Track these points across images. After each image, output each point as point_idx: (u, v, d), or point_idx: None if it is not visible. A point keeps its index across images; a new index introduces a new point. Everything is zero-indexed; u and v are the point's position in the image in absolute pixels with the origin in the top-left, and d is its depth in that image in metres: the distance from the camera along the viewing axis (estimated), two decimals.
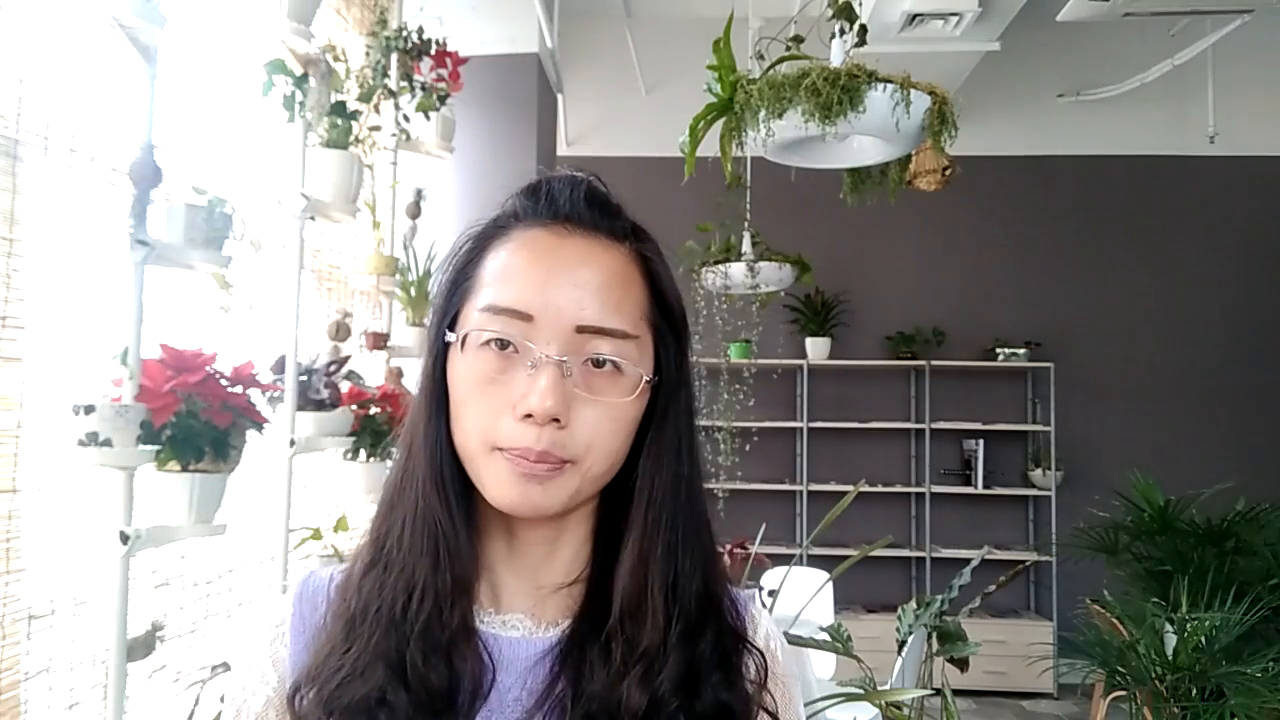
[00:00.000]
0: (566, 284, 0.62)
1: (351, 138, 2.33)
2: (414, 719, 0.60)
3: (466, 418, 0.63)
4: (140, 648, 1.56)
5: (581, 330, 0.62)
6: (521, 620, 0.67)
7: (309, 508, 2.66)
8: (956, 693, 2.26)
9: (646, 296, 0.66)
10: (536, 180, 0.68)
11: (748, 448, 5.13)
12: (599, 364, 0.62)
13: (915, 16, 3.81)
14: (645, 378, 0.64)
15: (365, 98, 2.50)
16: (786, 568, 2.61)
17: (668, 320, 0.67)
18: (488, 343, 0.62)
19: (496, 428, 0.61)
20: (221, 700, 1.64)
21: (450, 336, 0.64)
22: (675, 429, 0.67)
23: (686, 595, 0.65)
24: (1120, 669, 2.87)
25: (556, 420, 0.60)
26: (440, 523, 0.64)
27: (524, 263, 0.63)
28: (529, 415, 0.60)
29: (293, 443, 2.09)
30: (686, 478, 0.67)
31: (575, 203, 0.66)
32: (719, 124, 2.19)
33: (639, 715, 0.61)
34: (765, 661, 0.69)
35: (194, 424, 1.51)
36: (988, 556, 2.98)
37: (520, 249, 0.64)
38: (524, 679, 0.65)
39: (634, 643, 0.63)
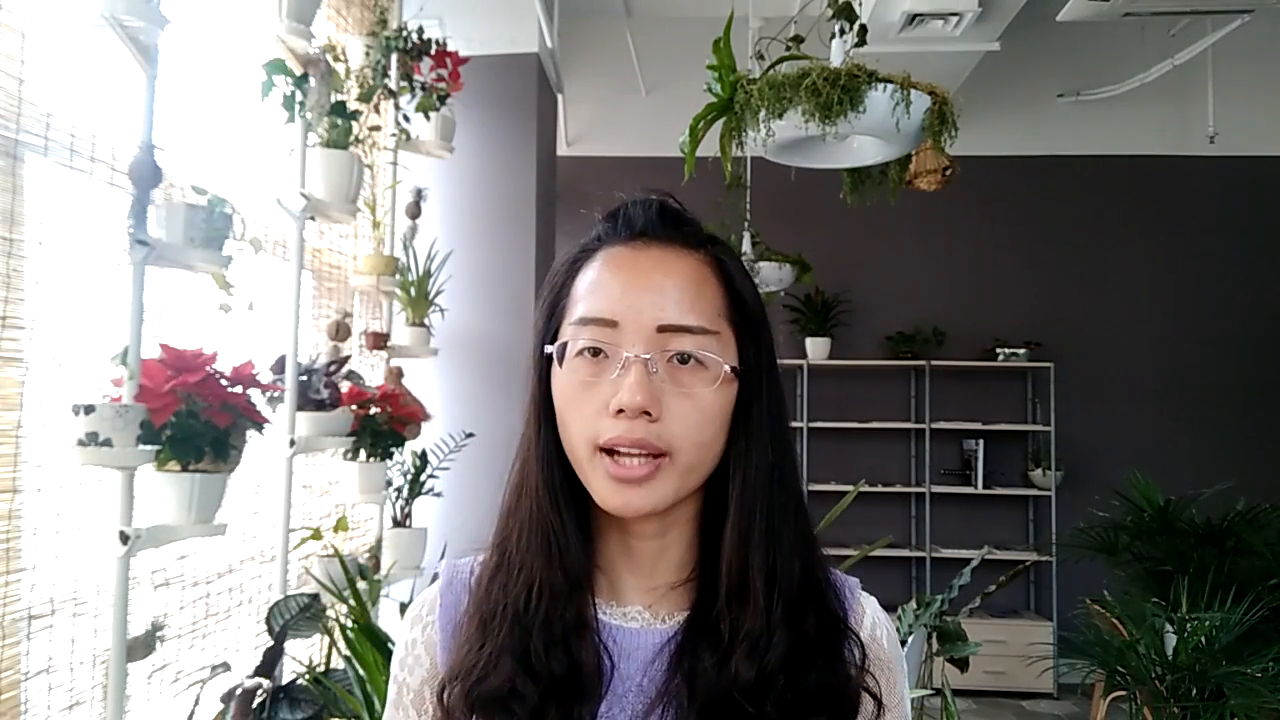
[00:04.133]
0: (645, 289, 0.69)
1: (351, 138, 2.33)
2: (543, 706, 0.66)
3: (570, 424, 0.69)
4: (140, 648, 1.57)
5: (663, 330, 0.67)
6: (640, 613, 0.73)
7: (309, 508, 2.67)
8: (956, 693, 2.26)
9: (723, 297, 0.71)
10: (615, 206, 0.75)
11: None
12: (684, 360, 0.68)
13: (915, 16, 3.81)
14: (727, 366, 0.68)
15: (365, 98, 2.50)
16: None
17: (745, 318, 0.72)
18: (581, 352, 0.69)
19: (596, 427, 0.67)
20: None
21: (549, 349, 0.71)
22: (761, 420, 0.71)
23: (786, 578, 0.69)
24: (1120, 669, 2.87)
25: (648, 414, 0.66)
26: (551, 523, 0.70)
27: (607, 276, 0.70)
28: (621, 411, 0.66)
29: (293, 443, 2.09)
30: (778, 466, 0.71)
31: (649, 219, 0.72)
32: (719, 124, 2.19)
33: (749, 689, 0.66)
34: (865, 648, 0.73)
35: (194, 424, 1.51)
36: (988, 556, 2.98)
37: (603, 265, 0.71)
38: (645, 669, 0.70)
39: (739, 623, 0.68)
